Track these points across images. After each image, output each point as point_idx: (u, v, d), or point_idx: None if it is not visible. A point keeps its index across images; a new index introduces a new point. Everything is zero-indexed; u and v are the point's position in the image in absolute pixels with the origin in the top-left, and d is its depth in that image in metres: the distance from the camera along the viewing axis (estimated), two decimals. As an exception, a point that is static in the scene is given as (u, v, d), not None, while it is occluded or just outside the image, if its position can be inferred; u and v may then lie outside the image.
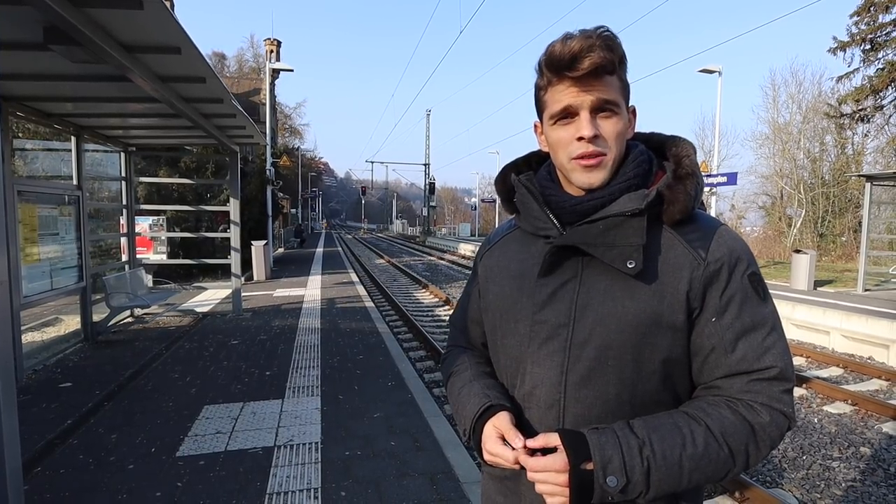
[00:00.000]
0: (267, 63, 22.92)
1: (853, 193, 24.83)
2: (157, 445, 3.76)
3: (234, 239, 8.72)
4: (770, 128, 29.35)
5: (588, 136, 0.92)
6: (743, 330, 0.92)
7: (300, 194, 48.55)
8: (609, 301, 0.94)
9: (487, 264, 1.16)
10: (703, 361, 0.95)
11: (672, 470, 0.86)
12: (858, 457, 4.36)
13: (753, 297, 0.94)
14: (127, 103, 5.94)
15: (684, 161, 0.99)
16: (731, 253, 0.94)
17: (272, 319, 8.48)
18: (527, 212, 1.07)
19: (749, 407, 0.90)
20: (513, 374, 1.05)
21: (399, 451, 3.66)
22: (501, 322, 1.07)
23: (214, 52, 50.28)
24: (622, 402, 0.94)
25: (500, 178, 1.17)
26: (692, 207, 0.96)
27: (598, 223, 0.95)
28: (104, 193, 12.05)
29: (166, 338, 7.18)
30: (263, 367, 5.70)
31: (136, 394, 4.90)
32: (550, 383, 0.96)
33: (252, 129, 7.56)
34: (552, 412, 0.96)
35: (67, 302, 7.63)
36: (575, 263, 0.99)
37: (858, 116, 22.18)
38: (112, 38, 3.84)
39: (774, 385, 0.91)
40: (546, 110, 0.98)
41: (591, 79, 0.91)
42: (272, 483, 3.21)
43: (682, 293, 0.92)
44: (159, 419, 4.25)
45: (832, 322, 8.28)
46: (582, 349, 0.94)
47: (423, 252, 30.50)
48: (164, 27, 3.61)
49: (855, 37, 21.39)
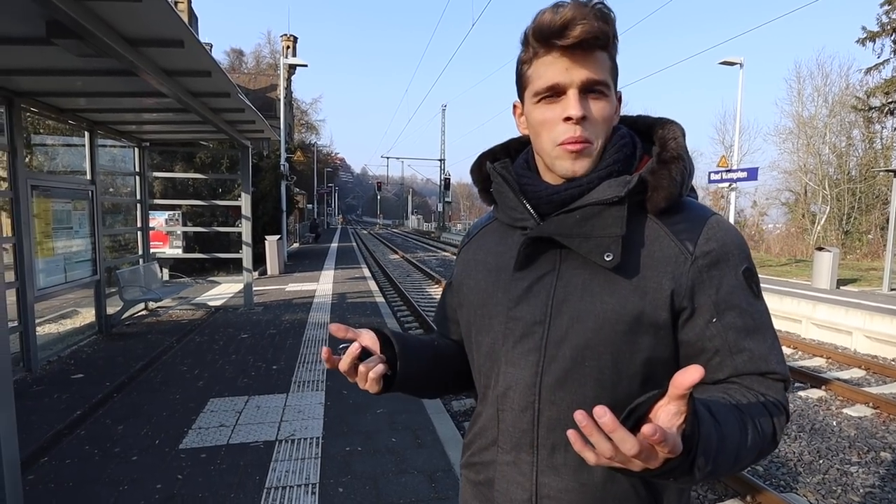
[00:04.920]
0: (282, 58, 22.95)
1: (881, 189, 24.10)
2: (162, 437, 3.78)
3: (245, 234, 8.77)
4: (794, 122, 28.63)
5: (576, 117, 0.84)
6: (746, 331, 0.85)
7: (316, 189, 48.84)
8: (587, 297, 0.87)
9: (465, 258, 1.10)
10: (706, 364, 0.87)
11: (728, 461, 0.76)
12: (878, 462, 4.21)
13: (750, 295, 0.87)
14: (137, 98, 5.99)
15: (670, 144, 0.91)
16: (722, 246, 0.86)
17: (283, 314, 8.51)
18: (503, 202, 1.00)
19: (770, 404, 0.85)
20: (487, 374, 0.98)
21: (399, 448, 3.62)
22: (476, 318, 1.00)
23: (232, 48, 50.93)
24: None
25: (475, 166, 1.09)
26: (679, 194, 0.88)
27: (575, 213, 0.87)
28: (126, 189, 12.23)
29: (178, 331, 7.24)
30: (270, 362, 5.71)
31: (145, 386, 4.94)
32: (525, 384, 0.89)
33: (262, 124, 7.57)
34: (526, 415, 0.90)
35: (84, 294, 7.74)
36: (553, 256, 0.92)
37: (888, 109, 21.53)
38: (114, 31, 3.84)
39: (780, 385, 0.86)
40: (529, 87, 0.90)
41: (583, 53, 0.84)
42: (271, 477, 3.19)
43: (667, 289, 0.85)
44: (165, 411, 4.27)
45: (855, 322, 8.04)
46: (558, 348, 0.87)
47: (437, 247, 30.47)
48: (164, 20, 3.60)
49: (885, 26, 20.75)
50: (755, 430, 0.79)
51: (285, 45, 40.12)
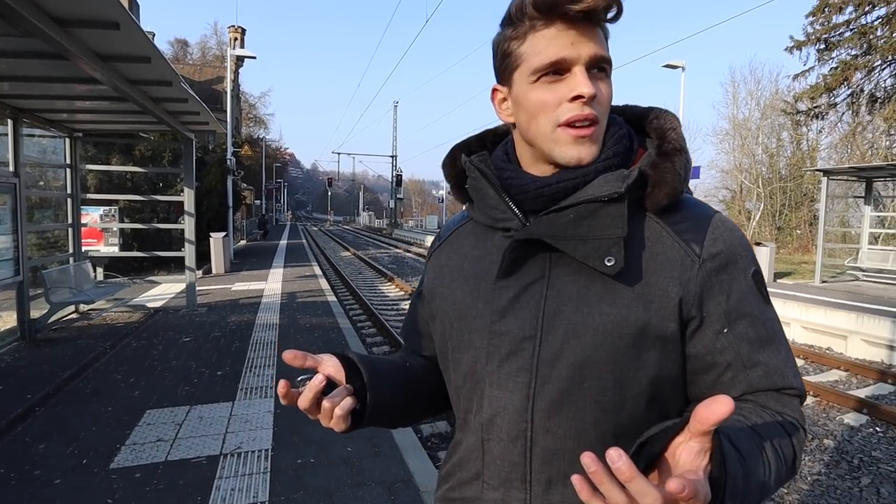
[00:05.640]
0: (229, 49, 22.01)
1: (808, 188, 25.68)
2: (90, 456, 3.44)
3: (188, 231, 8.30)
4: (730, 123, 30.08)
5: (588, 95, 0.72)
6: (759, 342, 0.77)
7: (264, 185, 47.42)
8: (583, 307, 0.75)
9: (436, 264, 0.96)
10: (716, 380, 0.78)
11: (753, 500, 0.66)
12: (822, 449, 4.36)
13: (761, 301, 0.79)
14: (69, 84, 5.52)
15: (669, 134, 0.80)
16: (730, 248, 0.77)
17: (228, 315, 8.10)
18: (481, 200, 0.87)
19: (790, 424, 0.76)
20: (468, 398, 0.84)
21: (355, 458, 3.44)
22: (452, 333, 0.86)
23: (177, 38, 48.86)
24: (602, 432, 0.75)
25: (447, 160, 0.95)
26: (681, 190, 0.78)
27: (568, 211, 0.75)
28: (58, 183, 11.36)
29: (112, 335, 6.74)
30: (215, 367, 5.38)
31: (73, 397, 4.54)
32: (514, 410, 0.77)
33: (207, 116, 7.16)
34: (517, 446, 0.77)
35: (5, 297, 7.11)
36: (542, 261, 0.79)
37: (813, 113, 22.74)
38: (40, 8, 3.49)
39: (796, 402, 0.79)
40: (524, 64, 0.76)
41: (589, 26, 0.73)
42: (215, 497, 2.94)
43: (674, 297, 0.74)
44: (95, 426, 3.91)
45: (792, 313, 8.42)
46: (552, 367, 0.75)
47: (389, 244, 30.17)
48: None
49: (810, 36, 21.90)
50: (777, 457, 0.70)
51: (233, 37, 38.64)
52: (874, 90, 21.05)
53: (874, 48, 20.19)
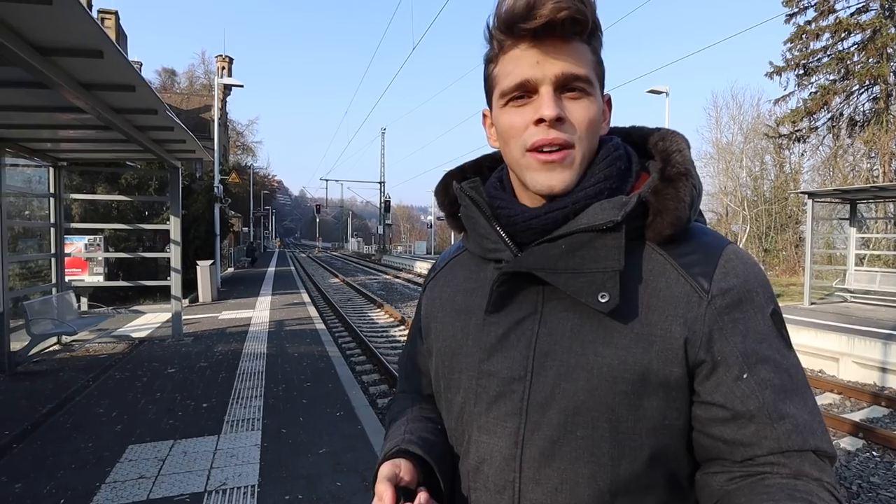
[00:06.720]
0: (217, 79, 22.19)
1: (792, 210, 26.05)
2: (69, 496, 3.29)
3: (174, 259, 8.19)
4: (714, 147, 30.58)
5: (550, 117, 0.68)
6: (784, 391, 0.67)
7: (252, 212, 47.27)
8: (577, 347, 0.69)
9: (430, 297, 0.91)
10: (736, 436, 0.67)
11: None
12: (819, 475, 4.30)
13: (783, 345, 0.70)
14: (52, 113, 5.47)
15: (674, 157, 0.74)
16: (744, 283, 0.70)
17: (215, 344, 7.94)
18: (473, 229, 0.82)
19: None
20: (458, 442, 0.79)
21: (345, 493, 3.32)
22: (444, 371, 0.81)
23: (164, 67, 49.08)
24: (598, 488, 0.67)
25: (440, 186, 0.91)
26: (688, 219, 0.71)
27: (560, 242, 0.70)
28: (43, 212, 11.21)
29: (95, 367, 6.57)
30: (201, 399, 5.24)
31: (53, 433, 4.37)
32: (502, 458, 0.71)
33: (193, 144, 7.13)
34: (503, 497, 0.71)
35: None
36: (534, 295, 0.74)
37: (795, 137, 23.33)
38: (20, 37, 3.45)
39: (832, 470, 0.67)
40: (496, 87, 0.74)
41: (556, 42, 0.68)
42: (198, 537, 2.83)
43: (678, 338, 0.67)
44: (75, 463, 3.76)
45: (782, 336, 8.42)
46: (542, 413, 0.69)
47: (378, 270, 30.02)
48: (79, 26, 3.25)
49: (790, 62, 22.59)
50: None
51: (220, 66, 38.96)
52: (853, 114, 21.64)
53: (852, 73, 20.83)
